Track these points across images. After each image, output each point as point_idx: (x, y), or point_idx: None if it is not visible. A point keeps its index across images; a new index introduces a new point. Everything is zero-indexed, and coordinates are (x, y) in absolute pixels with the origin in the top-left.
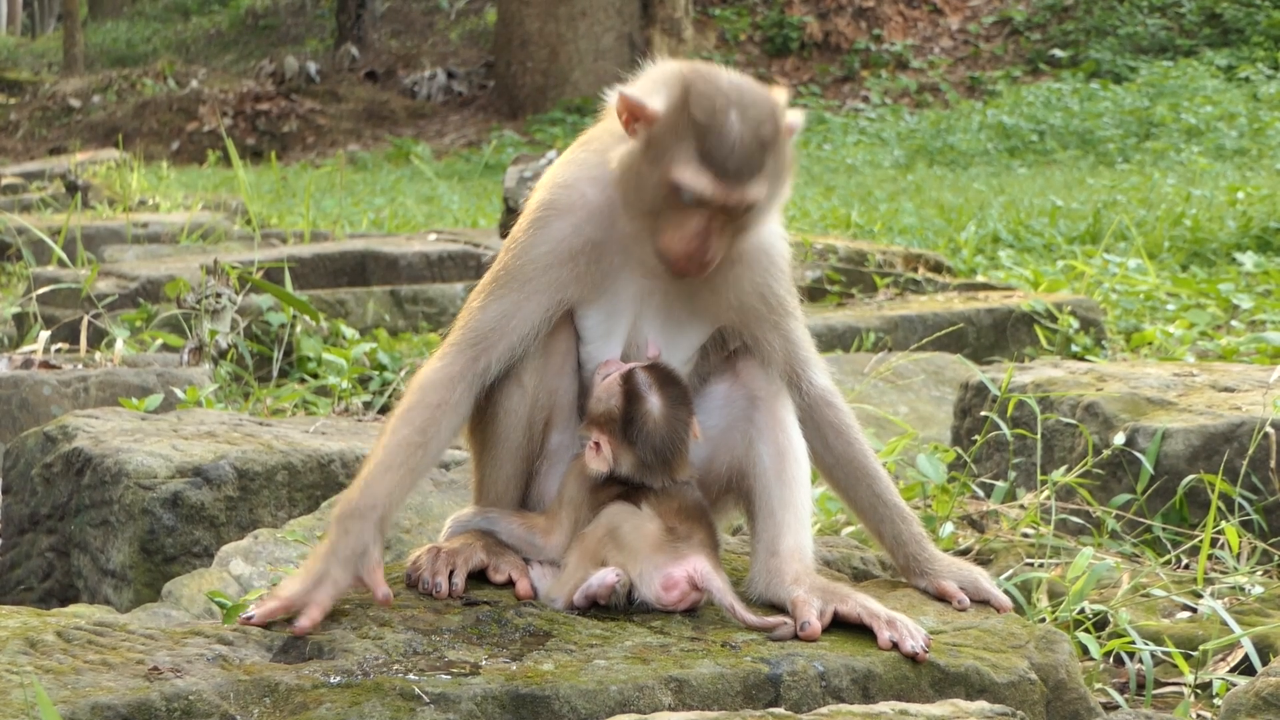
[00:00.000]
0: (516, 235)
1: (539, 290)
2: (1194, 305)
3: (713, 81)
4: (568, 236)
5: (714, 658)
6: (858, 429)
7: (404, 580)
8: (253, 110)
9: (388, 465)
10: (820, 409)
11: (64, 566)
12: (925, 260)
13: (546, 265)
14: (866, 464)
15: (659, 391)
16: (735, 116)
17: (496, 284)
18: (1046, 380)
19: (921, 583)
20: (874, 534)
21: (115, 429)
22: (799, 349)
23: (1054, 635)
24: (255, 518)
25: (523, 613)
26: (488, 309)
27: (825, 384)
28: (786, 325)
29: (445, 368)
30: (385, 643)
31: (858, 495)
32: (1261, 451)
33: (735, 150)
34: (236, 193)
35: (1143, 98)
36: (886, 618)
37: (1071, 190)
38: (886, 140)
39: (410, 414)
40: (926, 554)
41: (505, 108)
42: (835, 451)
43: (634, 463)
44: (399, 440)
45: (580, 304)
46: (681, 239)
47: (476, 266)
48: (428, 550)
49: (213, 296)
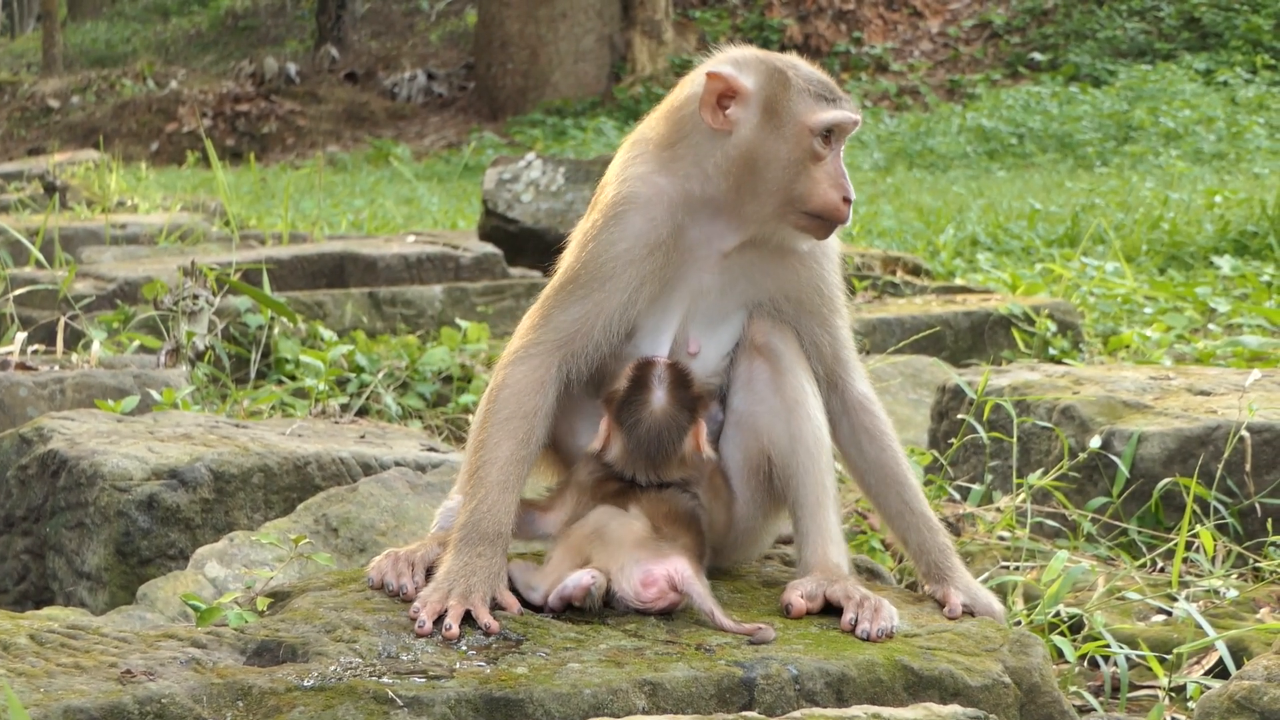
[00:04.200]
0: (591, 232)
1: (621, 288)
2: (1171, 309)
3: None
4: (647, 231)
5: (688, 661)
6: (893, 435)
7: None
8: (232, 111)
9: (504, 485)
10: (857, 414)
11: (39, 569)
12: (904, 263)
13: (628, 261)
14: (898, 471)
15: (668, 388)
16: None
17: (576, 283)
18: (1023, 383)
19: (935, 589)
20: (900, 540)
21: (91, 431)
22: (843, 349)
23: (1028, 639)
24: (231, 520)
25: (498, 616)
26: (570, 309)
27: (864, 389)
28: (834, 322)
29: (533, 372)
30: (359, 646)
31: (887, 501)
32: (1237, 455)
33: (834, 84)
34: (216, 194)
35: (1121, 101)
36: (859, 599)
37: (1050, 193)
38: (866, 143)
39: (510, 425)
40: (949, 564)
41: (485, 109)
42: (869, 457)
43: (622, 450)
44: (507, 456)
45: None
46: (833, 184)
47: (455, 268)
48: (386, 556)
49: (190, 298)
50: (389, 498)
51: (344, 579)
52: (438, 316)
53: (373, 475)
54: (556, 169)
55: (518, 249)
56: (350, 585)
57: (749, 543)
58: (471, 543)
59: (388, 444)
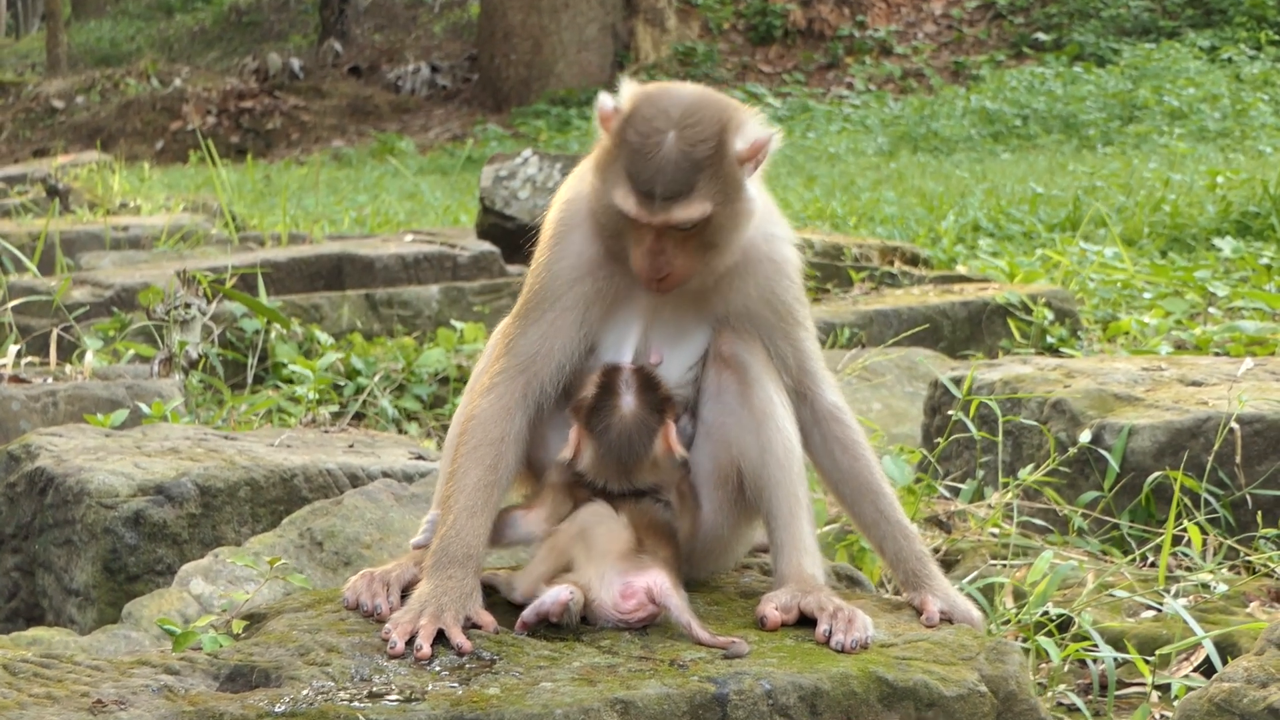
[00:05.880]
0: (539, 256)
1: (571, 306)
2: (1171, 293)
3: (661, 101)
4: (586, 248)
5: (661, 678)
6: (865, 445)
7: (344, 606)
8: (236, 108)
9: (472, 510)
10: (828, 424)
11: (29, 586)
12: (902, 253)
13: (573, 280)
14: (872, 480)
15: (635, 392)
16: (671, 138)
17: (530, 307)
18: (1014, 377)
19: (913, 596)
20: (877, 549)
21: (78, 447)
22: (808, 361)
23: (1004, 646)
24: (218, 534)
25: (470, 636)
26: (527, 333)
27: (834, 400)
28: (796, 335)
29: (499, 400)
30: (332, 669)
31: (862, 511)
32: (1227, 446)
33: (661, 172)
34: (220, 192)
35: (1126, 80)
36: (833, 610)
37: (1054, 175)
38: (870, 127)
39: (478, 453)
40: (926, 571)
41: (489, 101)
42: (842, 467)
43: (593, 457)
44: (475, 482)
45: (603, 315)
46: (639, 256)
47: (452, 267)
48: (361, 576)
49: (182, 307)
50: (374, 510)
51: (320, 599)
52: (435, 317)
53: (358, 487)
54: (553, 165)
55: (515, 246)
56: (326, 606)
57: (720, 552)
58: (442, 566)
59: (376, 453)
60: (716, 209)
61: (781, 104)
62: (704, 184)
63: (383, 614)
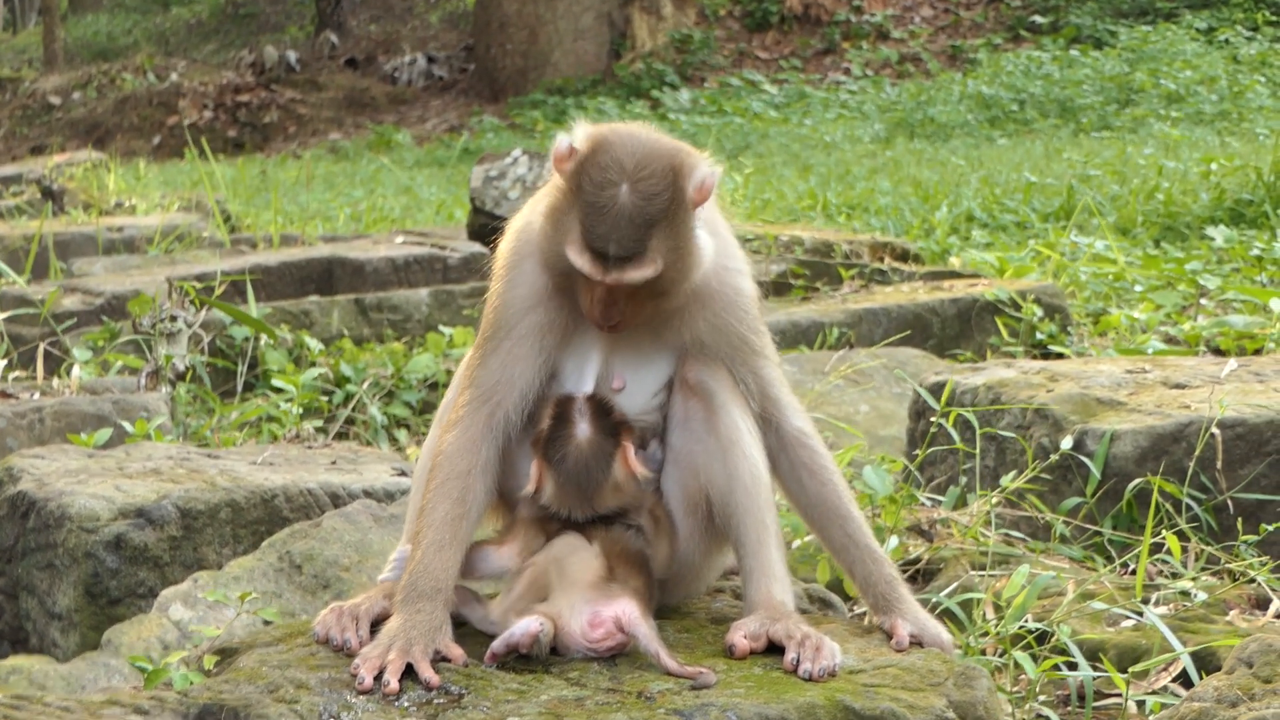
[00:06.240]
0: (494, 285)
1: (526, 334)
2: (1162, 286)
3: (615, 150)
4: (538, 279)
5: (628, 711)
6: (832, 469)
7: (314, 641)
8: (233, 102)
9: (440, 544)
10: (795, 450)
11: (13, 609)
12: (892, 248)
13: (527, 308)
14: (840, 505)
15: (589, 420)
16: (625, 191)
17: (489, 338)
18: (998, 381)
19: (884, 620)
20: (847, 573)
21: (60, 470)
22: (771, 388)
23: (973, 671)
24: (199, 556)
25: (440, 669)
26: (488, 364)
27: (800, 425)
28: (755, 364)
29: (464, 433)
30: (300, 707)
31: (831, 536)
32: (1209, 451)
33: (616, 230)
34: (215, 189)
35: (1122, 64)
36: (800, 638)
37: (1049, 162)
38: (867, 114)
39: (445, 487)
40: (896, 594)
41: (486, 91)
42: (810, 493)
43: (554, 488)
44: (442, 517)
45: (560, 343)
46: (589, 305)
47: (443, 269)
48: (331, 610)
49: (168, 319)
50: (353, 532)
51: (291, 633)
52: (424, 320)
53: (339, 508)
54: (543, 165)
55: None
56: (297, 640)
57: (691, 578)
58: (411, 601)
59: (358, 469)
60: (667, 266)
61: (778, 91)
62: (656, 242)
63: (352, 648)
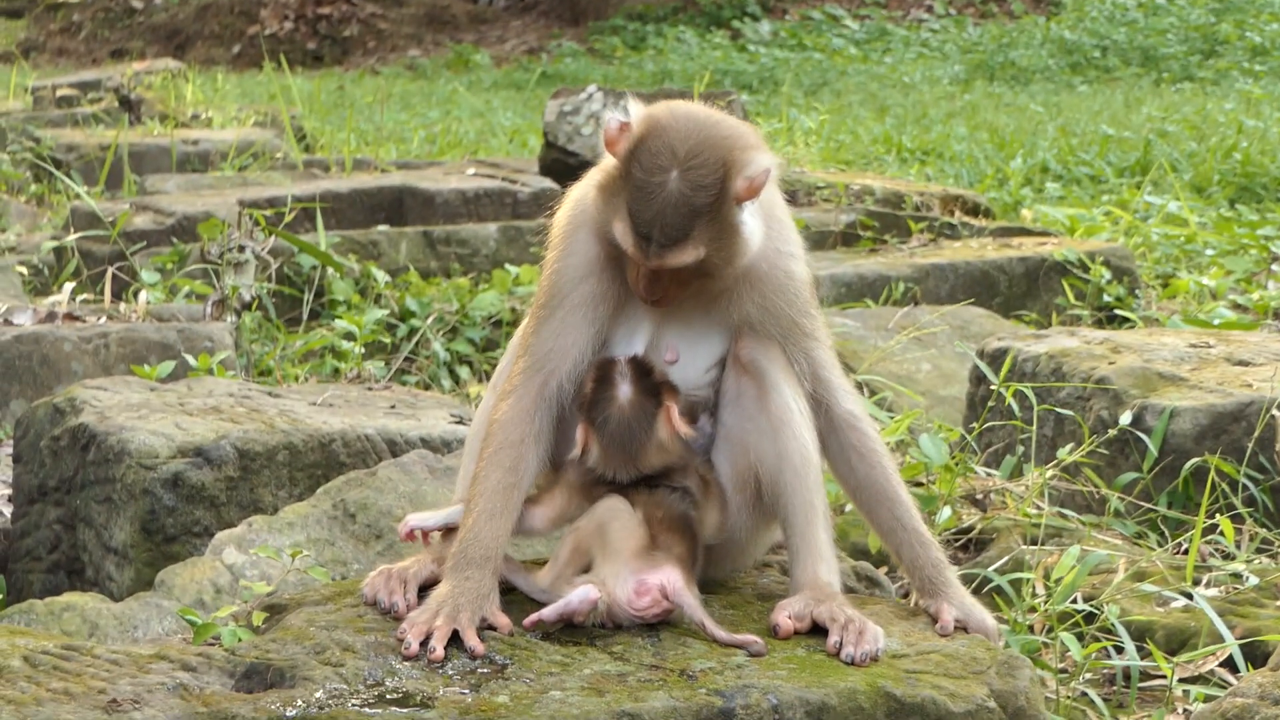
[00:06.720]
0: (549, 255)
1: (580, 304)
2: (1234, 250)
3: (668, 134)
4: (592, 248)
5: (669, 689)
6: (882, 452)
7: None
8: (314, 14)
9: (491, 512)
10: (845, 432)
11: (70, 539)
12: (963, 202)
13: (581, 277)
14: (888, 488)
15: (631, 381)
16: (674, 179)
17: (543, 306)
18: (1060, 351)
19: (929, 604)
20: (894, 555)
21: (122, 403)
22: (822, 370)
23: (1016, 660)
24: (256, 498)
25: (485, 638)
26: (541, 333)
27: (850, 407)
28: (806, 346)
29: (518, 401)
30: (346, 670)
31: (879, 518)
32: (1269, 432)
33: (661, 216)
34: (291, 104)
35: (1209, 13)
36: (844, 621)
37: (1129, 113)
38: (948, 54)
39: (499, 455)
40: (942, 579)
41: (567, 13)
42: (859, 475)
43: (599, 450)
44: (494, 485)
45: (614, 313)
46: (635, 281)
47: (513, 204)
48: (379, 573)
49: (236, 249)
50: (407, 483)
51: (340, 592)
52: (492, 256)
53: (394, 458)
54: (617, 102)
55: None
56: (345, 599)
57: (738, 553)
58: (460, 567)
59: (417, 415)
60: (710, 253)
61: (859, 26)
62: (700, 230)
63: (399, 612)
